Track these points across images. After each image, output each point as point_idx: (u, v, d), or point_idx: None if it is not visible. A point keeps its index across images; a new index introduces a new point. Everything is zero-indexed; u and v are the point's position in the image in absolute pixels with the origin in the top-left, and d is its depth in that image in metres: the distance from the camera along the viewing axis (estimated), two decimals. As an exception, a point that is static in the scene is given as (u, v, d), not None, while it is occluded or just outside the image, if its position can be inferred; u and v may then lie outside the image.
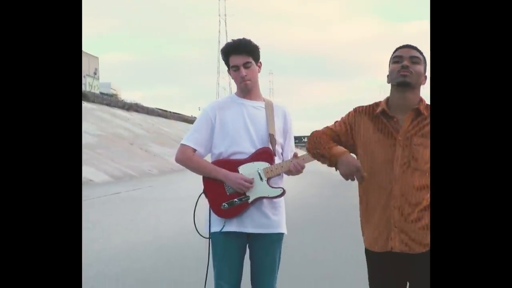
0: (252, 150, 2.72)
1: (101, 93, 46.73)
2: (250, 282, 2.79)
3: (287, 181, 2.85)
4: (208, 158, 2.89)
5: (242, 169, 2.71)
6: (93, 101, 38.28)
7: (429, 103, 2.35)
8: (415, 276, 2.32)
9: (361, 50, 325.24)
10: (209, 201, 2.75)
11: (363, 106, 2.46)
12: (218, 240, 2.71)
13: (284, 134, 2.84)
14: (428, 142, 2.26)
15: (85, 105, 35.66)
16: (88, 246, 6.68)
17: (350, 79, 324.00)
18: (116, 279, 3.12)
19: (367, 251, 2.44)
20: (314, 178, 20.57)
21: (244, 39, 2.77)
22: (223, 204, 2.68)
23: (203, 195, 2.80)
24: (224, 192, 2.69)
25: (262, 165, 2.70)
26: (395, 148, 2.32)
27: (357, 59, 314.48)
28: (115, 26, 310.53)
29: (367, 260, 2.45)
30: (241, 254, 2.76)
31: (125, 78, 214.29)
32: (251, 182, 2.66)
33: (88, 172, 19.04)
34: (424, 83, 2.37)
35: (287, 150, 2.85)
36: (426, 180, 2.27)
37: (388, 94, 2.41)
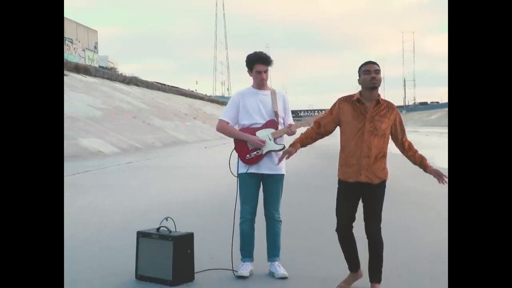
0: (263, 122, 4.15)
1: (100, 66, 46.94)
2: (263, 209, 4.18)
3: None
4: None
5: (258, 133, 4.10)
6: (95, 75, 39.16)
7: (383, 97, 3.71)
8: (372, 196, 3.68)
9: (351, 24, 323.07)
10: (238, 154, 4.16)
11: (343, 97, 3.83)
12: (244, 178, 4.13)
13: (284, 111, 4.23)
14: (383, 119, 3.64)
15: (87, 79, 36.54)
16: (116, 205, 7.98)
17: (342, 53, 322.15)
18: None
19: (341, 181, 3.76)
20: (310, 150, 21.89)
21: (265, 53, 4.17)
22: (247, 155, 4.07)
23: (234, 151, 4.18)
24: (248, 148, 4.09)
25: (270, 130, 4.11)
26: (364, 122, 3.67)
27: (348, 33, 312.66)
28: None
29: (339, 187, 3.77)
30: (257, 187, 4.15)
31: (119, 51, 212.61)
32: (264, 141, 4.05)
33: (97, 143, 20.22)
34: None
35: (286, 120, 4.25)
36: (381, 142, 3.65)
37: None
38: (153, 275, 3.83)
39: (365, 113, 3.67)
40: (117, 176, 12.08)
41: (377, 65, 3.72)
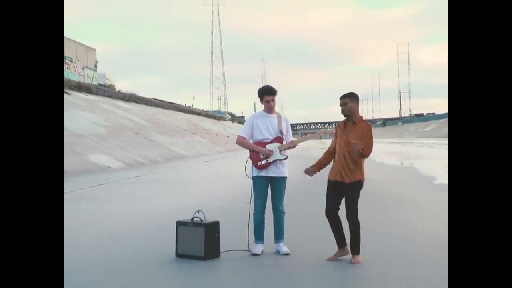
0: (271, 138, 5.44)
1: (99, 84, 47.56)
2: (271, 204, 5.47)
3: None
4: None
5: (268, 146, 5.38)
6: (96, 94, 40.40)
7: (364, 118, 5.01)
8: (347, 193, 4.93)
9: (340, 37, 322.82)
10: (252, 161, 5.43)
11: (339, 122, 5.10)
12: (256, 180, 5.39)
13: (286, 129, 5.55)
14: (354, 134, 4.86)
15: (89, 97, 37.82)
16: (139, 210, 9.17)
17: (334, 67, 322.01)
18: (167, 229, 5.41)
19: (328, 181, 5.04)
20: (306, 162, 23.09)
21: (271, 86, 5.48)
22: (259, 162, 5.35)
23: (249, 159, 5.48)
24: (259, 157, 5.38)
25: (277, 144, 5.42)
26: (343, 137, 4.98)
27: (337, 46, 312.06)
28: (101, 14, 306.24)
29: (327, 186, 5.03)
30: (267, 187, 5.42)
31: (113, 67, 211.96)
32: (272, 152, 5.35)
33: (104, 159, 21.33)
34: (357, 108, 4.97)
35: (288, 137, 5.58)
36: (352, 152, 4.86)
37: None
38: (189, 253, 5.08)
39: (344, 130, 4.99)
40: (130, 188, 13.23)
41: (347, 97, 4.96)
